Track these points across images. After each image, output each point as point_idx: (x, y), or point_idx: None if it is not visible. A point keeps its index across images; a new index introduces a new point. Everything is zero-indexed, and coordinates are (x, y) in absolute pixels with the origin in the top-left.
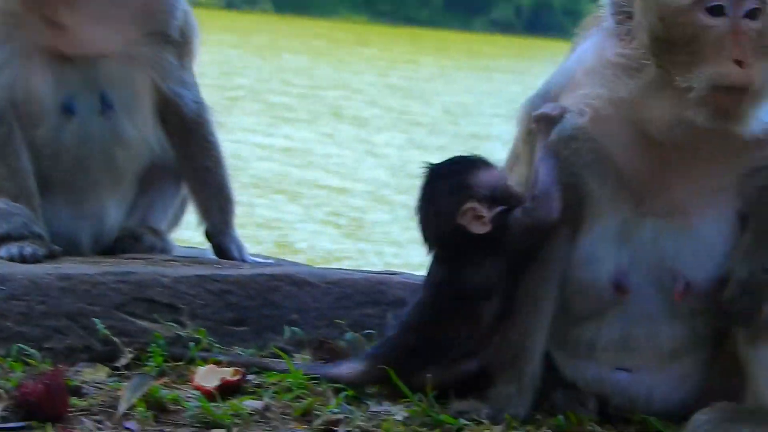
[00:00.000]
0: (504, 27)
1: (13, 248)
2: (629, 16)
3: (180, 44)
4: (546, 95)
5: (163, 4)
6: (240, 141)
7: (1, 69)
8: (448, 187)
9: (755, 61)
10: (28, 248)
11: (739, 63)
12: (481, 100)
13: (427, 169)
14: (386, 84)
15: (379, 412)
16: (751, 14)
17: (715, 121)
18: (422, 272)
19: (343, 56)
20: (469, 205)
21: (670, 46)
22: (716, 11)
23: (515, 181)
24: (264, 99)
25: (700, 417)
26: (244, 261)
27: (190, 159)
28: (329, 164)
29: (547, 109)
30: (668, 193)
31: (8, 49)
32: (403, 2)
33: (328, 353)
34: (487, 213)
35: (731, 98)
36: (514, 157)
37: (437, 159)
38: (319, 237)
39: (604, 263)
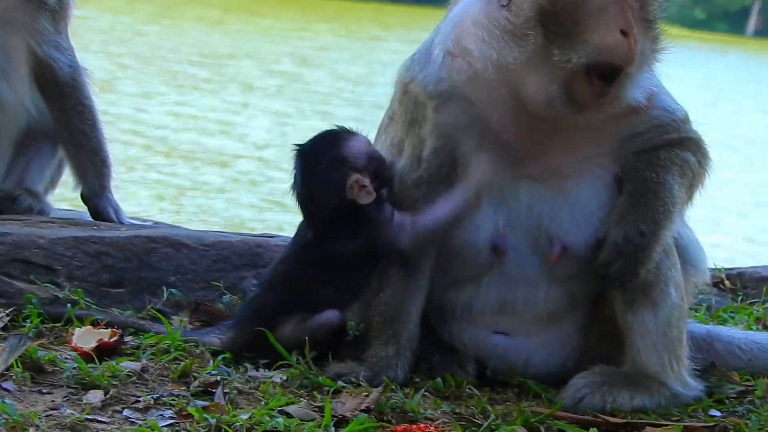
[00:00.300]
0: None
1: None
2: None
3: (55, 10)
4: (423, 57)
5: None
6: (143, 109)
7: None
8: (327, 165)
9: (636, 36)
10: None
11: (624, 34)
12: (379, 69)
13: (298, 150)
14: (284, 53)
15: (257, 375)
16: None
17: (576, 108)
18: None
19: (239, 25)
20: (353, 178)
21: (553, 17)
22: None
23: (389, 140)
24: (164, 67)
25: (578, 381)
26: (121, 223)
27: (66, 122)
28: (241, 133)
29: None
30: (545, 158)
31: None
32: None
33: (206, 315)
34: (369, 182)
35: (602, 92)
36: (388, 117)
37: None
38: (238, 206)
39: (481, 226)
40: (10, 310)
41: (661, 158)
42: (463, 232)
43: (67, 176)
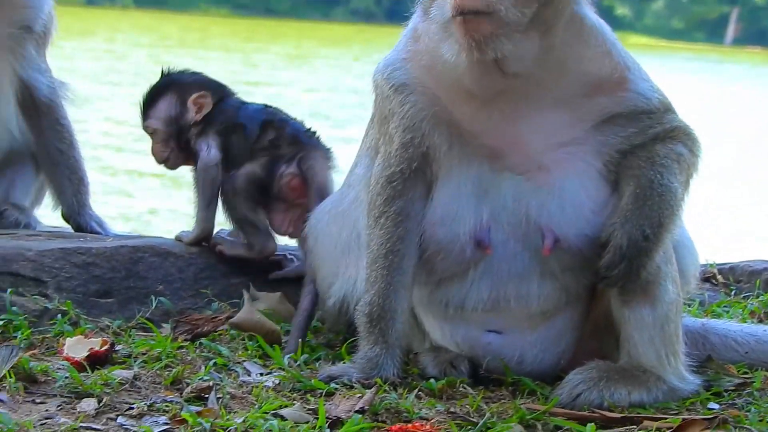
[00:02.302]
0: (365, 16)
1: None
2: None
3: (41, 36)
4: (390, 54)
5: (32, 1)
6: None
7: None
8: None
9: None
10: None
11: None
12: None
13: None
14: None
15: (249, 380)
16: None
17: (469, 53)
18: None
19: (199, 47)
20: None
21: None
22: None
23: (368, 143)
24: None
25: (574, 377)
26: (107, 235)
27: (44, 142)
28: None
29: None
30: (522, 148)
31: None
32: None
33: (188, 325)
34: None
35: (471, 25)
36: (370, 121)
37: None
38: None
39: (462, 220)
40: (1, 322)
41: (660, 155)
42: (444, 227)
43: (49, 198)
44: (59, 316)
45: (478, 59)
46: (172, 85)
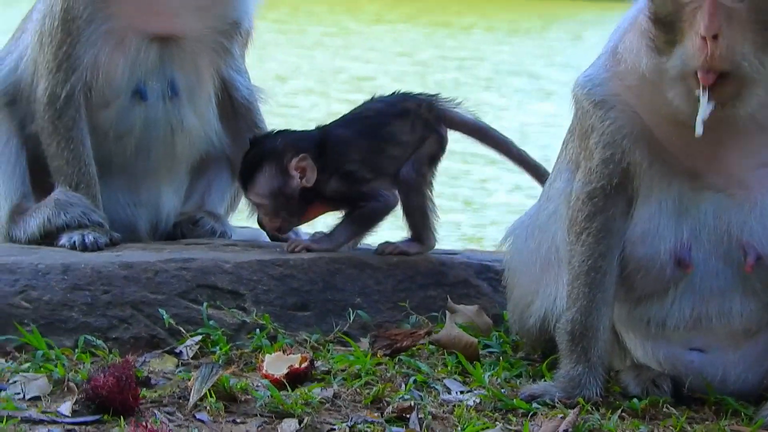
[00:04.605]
0: None
1: (75, 236)
2: None
3: (246, 34)
4: (590, 68)
5: None
6: None
7: (84, 50)
8: None
9: (736, 42)
10: (90, 236)
11: (714, 38)
12: None
13: None
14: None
15: (449, 399)
16: None
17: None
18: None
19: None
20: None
21: (661, 26)
22: None
23: (567, 157)
24: None
25: None
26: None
27: (241, 144)
28: None
29: None
30: (723, 166)
31: (93, 29)
32: None
33: (387, 340)
34: None
35: (716, 87)
36: (569, 133)
37: None
38: None
39: (663, 238)
40: (199, 336)
41: None
42: (644, 245)
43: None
44: (257, 330)
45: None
46: (266, 155)
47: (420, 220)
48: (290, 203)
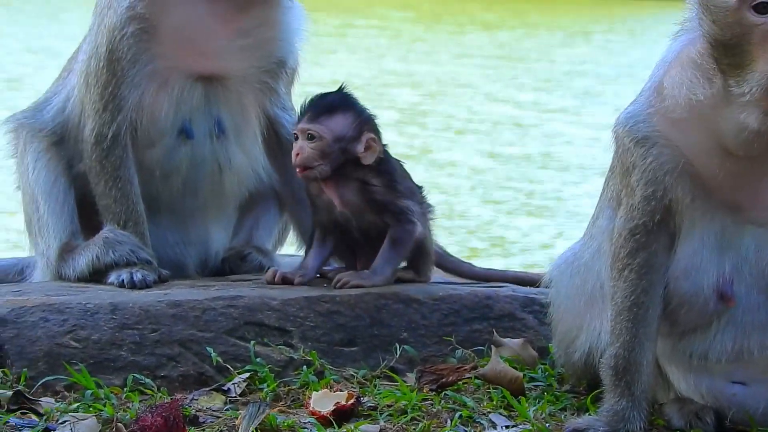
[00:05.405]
0: None
1: (124, 274)
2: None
3: (292, 71)
4: (631, 104)
5: (288, 32)
6: None
7: (129, 90)
8: None
9: None
10: (138, 274)
11: None
12: None
13: None
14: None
15: None
16: None
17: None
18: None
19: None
20: None
21: (724, 49)
22: (763, 8)
23: (609, 194)
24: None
25: None
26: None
27: (288, 181)
28: None
29: None
30: (764, 201)
31: (138, 69)
32: None
33: (433, 375)
34: None
35: None
36: (610, 170)
37: None
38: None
39: (705, 273)
40: (247, 373)
41: None
42: (687, 280)
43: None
44: (304, 366)
45: None
46: (356, 108)
47: (417, 251)
48: (337, 159)
